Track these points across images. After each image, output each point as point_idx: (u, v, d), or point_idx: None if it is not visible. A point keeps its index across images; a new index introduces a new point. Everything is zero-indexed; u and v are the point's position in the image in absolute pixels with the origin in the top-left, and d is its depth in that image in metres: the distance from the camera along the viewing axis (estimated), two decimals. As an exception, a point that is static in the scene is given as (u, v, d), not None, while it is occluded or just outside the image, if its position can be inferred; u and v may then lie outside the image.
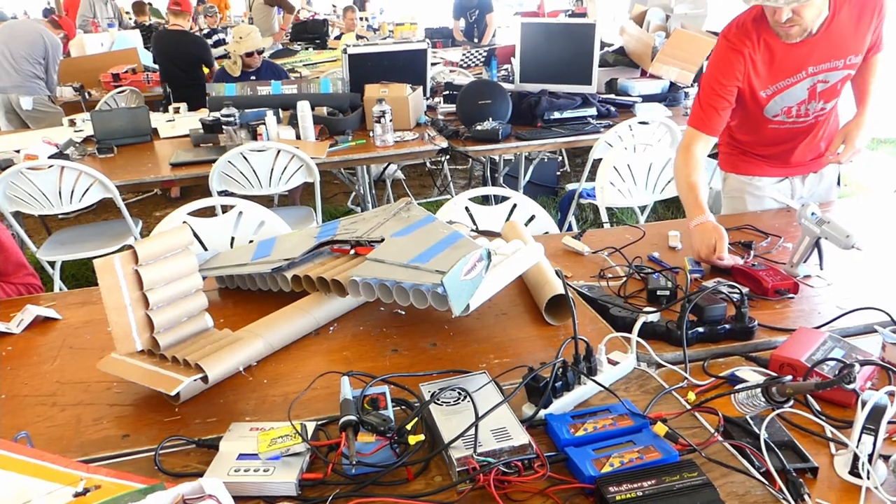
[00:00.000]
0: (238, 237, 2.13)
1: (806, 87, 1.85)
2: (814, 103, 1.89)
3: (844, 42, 1.79)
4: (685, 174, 1.83)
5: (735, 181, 2.13)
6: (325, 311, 1.40)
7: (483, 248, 1.23)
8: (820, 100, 1.88)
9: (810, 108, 1.90)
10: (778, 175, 2.08)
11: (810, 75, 1.83)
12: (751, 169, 2.09)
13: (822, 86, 1.85)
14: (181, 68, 4.90)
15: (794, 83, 1.84)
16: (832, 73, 1.83)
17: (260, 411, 1.12)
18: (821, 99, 1.88)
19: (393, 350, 1.30)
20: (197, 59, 4.94)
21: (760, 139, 2.02)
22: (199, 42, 5.10)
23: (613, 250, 1.75)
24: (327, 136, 3.32)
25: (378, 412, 0.97)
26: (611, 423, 1.00)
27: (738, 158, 2.11)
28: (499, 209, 2.17)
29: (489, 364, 1.23)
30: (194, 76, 4.91)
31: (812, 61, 1.81)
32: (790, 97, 1.87)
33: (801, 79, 1.83)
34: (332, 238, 1.52)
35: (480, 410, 0.97)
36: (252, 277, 1.53)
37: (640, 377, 1.18)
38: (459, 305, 1.16)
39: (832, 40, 1.78)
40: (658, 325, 1.31)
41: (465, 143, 3.20)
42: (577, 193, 3.40)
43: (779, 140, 2.00)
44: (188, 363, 1.12)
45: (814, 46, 1.79)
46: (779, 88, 1.85)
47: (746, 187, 2.10)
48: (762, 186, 2.09)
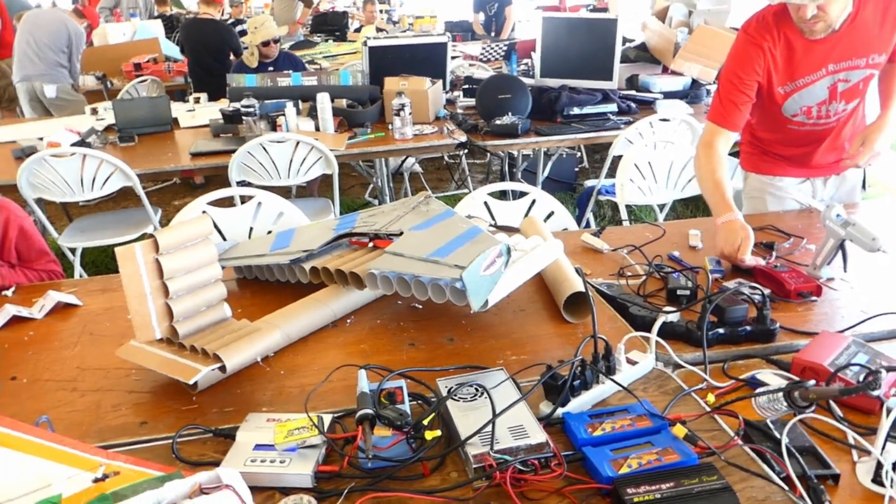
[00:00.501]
0: (256, 228, 2.14)
1: (826, 86, 1.81)
2: (835, 104, 1.85)
3: (868, 40, 1.75)
4: (709, 171, 1.79)
5: (756, 181, 2.10)
6: (342, 304, 1.40)
7: (503, 244, 1.22)
8: (841, 100, 1.84)
9: (831, 108, 1.86)
10: (800, 176, 2.05)
11: (830, 73, 1.79)
12: (772, 169, 2.06)
13: (843, 85, 1.82)
14: (212, 56, 4.92)
15: (813, 81, 1.81)
16: (853, 72, 1.79)
17: (277, 402, 1.13)
18: (842, 99, 1.84)
19: (410, 344, 1.30)
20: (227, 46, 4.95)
21: (782, 138, 1.98)
22: (229, 30, 5.12)
23: (633, 248, 1.73)
24: (346, 129, 3.32)
25: (395, 406, 0.97)
26: (629, 423, 0.99)
27: (760, 158, 2.08)
28: (517, 204, 2.16)
29: (506, 361, 1.23)
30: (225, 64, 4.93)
31: (833, 59, 1.77)
32: (809, 96, 1.83)
33: (820, 76, 1.80)
34: (350, 230, 1.52)
35: (498, 407, 0.96)
36: (270, 268, 1.54)
37: (659, 378, 1.17)
38: (478, 301, 1.15)
39: (855, 37, 1.75)
40: (678, 325, 1.30)
41: (485, 138, 3.18)
42: (596, 190, 3.37)
43: (800, 141, 1.97)
44: (206, 352, 1.13)
45: (835, 43, 1.75)
46: (798, 86, 1.82)
47: (768, 187, 2.07)
48: (783, 187, 2.05)
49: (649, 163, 2.71)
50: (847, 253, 1.54)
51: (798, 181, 2.05)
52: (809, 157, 1.99)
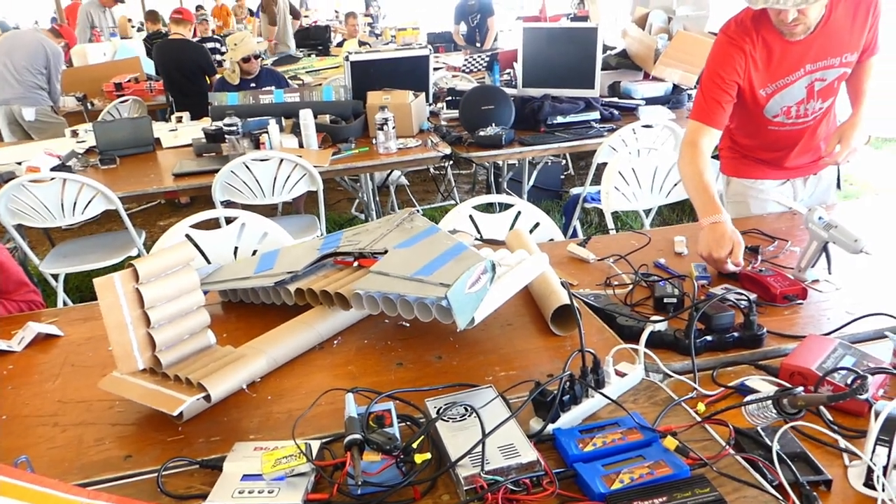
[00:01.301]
0: (241, 248, 2.12)
1: (804, 86, 1.86)
2: (812, 102, 1.89)
3: (841, 40, 1.80)
4: (694, 172, 1.77)
5: (738, 185, 2.13)
6: (328, 325, 1.39)
7: (487, 260, 1.22)
8: (818, 98, 1.89)
9: (809, 107, 1.90)
10: (779, 178, 2.09)
11: (808, 73, 1.83)
12: (753, 172, 2.09)
13: (820, 84, 1.86)
14: (185, 76, 4.92)
15: (792, 81, 1.85)
16: (829, 71, 1.84)
17: (264, 429, 1.11)
18: (819, 97, 1.89)
19: (398, 364, 1.29)
20: (198, 66, 4.95)
21: (760, 142, 2.02)
22: (200, 50, 5.12)
23: (619, 257, 1.73)
24: (330, 144, 3.31)
25: (383, 430, 0.96)
26: (620, 437, 0.99)
27: (739, 162, 2.11)
28: (503, 217, 2.16)
29: (495, 377, 1.22)
30: (197, 84, 4.93)
31: (809, 59, 1.82)
32: (789, 96, 1.88)
33: (799, 77, 1.84)
34: (335, 250, 1.51)
35: (487, 426, 0.96)
36: (255, 291, 1.52)
37: (649, 388, 1.17)
38: (464, 319, 1.15)
39: (829, 38, 1.79)
40: (666, 333, 1.30)
41: (469, 149, 3.19)
42: (582, 198, 3.38)
43: (778, 144, 2.00)
44: (191, 382, 1.11)
45: (811, 44, 1.80)
46: (778, 87, 1.86)
47: (749, 191, 2.10)
48: (765, 189, 2.09)
49: (633, 169, 2.72)
50: (831, 255, 1.55)
51: (778, 183, 2.08)
52: (787, 158, 2.03)
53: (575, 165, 5.49)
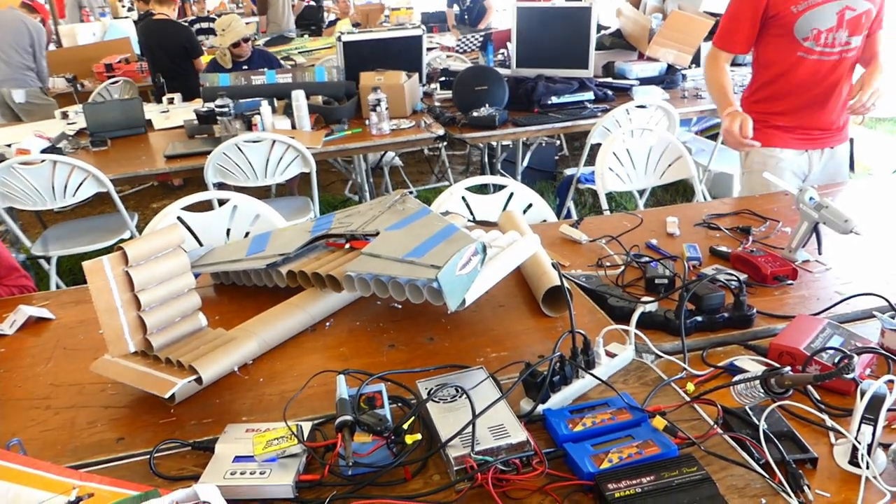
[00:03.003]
0: (233, 231, 2.12)
1: (835, 11, 1.94)
2: (841, 31, 1.97)
3: None
4: (714, 77, 2.14)
5: (757, 154, 2.17)
6: (320, 307, 1.39)
7: (478, 242, 1.21)
8: (847, 28, 1.97)
9: (838, 36, 1.98)
10: (799, 147, 2.13)
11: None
12: (773, 139, 2.15)
13: (850, 13, 1.95)
14: (169, 57, 4.84)
15: (823, 1, 1.93)
16: (860, 1, 1.94)
17: (256, 411, 1.11)
18: (847, 28, 1.97)
19: (390, 345, 1.29)
20: (182, 48, 4.86)
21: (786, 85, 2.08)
22: (184, 31, 5.01)
23: (611, 238, 1.73)
24: (323, 126, 3.29)
25: (374, 411, 0.96)
26: (609, 417, 0.99)
27: (760, 130, 2.12)
28: (496, 198, 2.16)
29: (487, 358, 1.23)
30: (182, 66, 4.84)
31: None
32: (820, 17, 1.96)
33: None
34: (326, 232, 1.51)
35: (478, 407, 0.96)
36: (247, 273, 1.52)
37: (639, 369, 1.17)
38: (455, 301, 1.15)
39: None
40: (656, 314, 1.30)
41: (462, 130, 3.17)
42: (576, 178, 3.37)
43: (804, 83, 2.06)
44: (182, 364, 1.11)
45: None
46: (810, 4, 1.94)
47: (768, 160, 2.15)
48: (783, 159, 2.13)
49: (627, 150, 2.71)
50: (822, 235, 1.55)
51: (797, 153, 2.13)
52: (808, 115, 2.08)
53: (569, 146, 5.47)
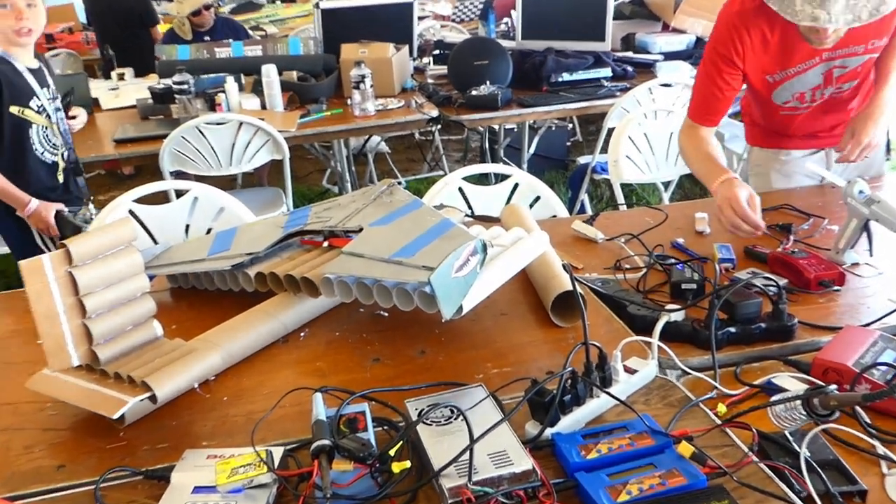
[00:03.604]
0: (194, 226, 2.12)
1: (820, 73, 1.84)
2: (830, 88, 1.88)
3: (867, 27, 1.75)
4: (694, 148, 1.89)
5: (761, 155, 2.13)
6: (294, 315, 1.39)
7: (477, 240, 1.22)
8: (837, 84, 1.88)
9: (826, 92, 1.89)
10: (810, 147, 2.07)
11: (825, 60, 1.81)
12: (778, 141, 2.08)
13: (840, 71, 1.84)
14: (120, 26, 4.82)
15: (806, 69, 1.82)
16: (851, 59, 1.82)
17: (219, 434, 1.11)
18: (838, 83, 1.88)
19: (374, 359, 1.29)
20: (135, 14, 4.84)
21: (776, 123, 2.02)
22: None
23: (631, 237, 1.74)
24: (298, 106, 3.30)
25: (356, 435, 0.97)
26: (628, 442, 1.00)
27: (761, 131, 2.11)
28: (498, 189, 2.17)
29: (487, 374, 1.23)
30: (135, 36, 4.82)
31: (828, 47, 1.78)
32: (801, 83, 1.86)
33: (813, 65, 1.82)
34: (301, 228, 1.51)
35: (476, 431, 0.96)
36: (209, 276, 1.52)
37: (663, 387, 1.18)
38: (450, 307, 1.15)
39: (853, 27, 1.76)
40: (683, 324, 1.31)
41: (459, 111, 3.18)
42: (591, 168, 3.39)
43: (797, 125, 2.00)
44: (133, 380, 1.11)
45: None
46: (788, 75, 1.84)
47: (772, 162, 2.10)
48: (791, 161, 2.08)
49: (645, 134, 2.73)
50: (872, 234, 1.56)
51: (808, 152, 2.08)
52: (816, 133, 2.02)
53: (583, 130, 5.49)
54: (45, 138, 2.45)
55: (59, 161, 2.52)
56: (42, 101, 2.43)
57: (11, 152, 2.41)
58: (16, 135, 2.39)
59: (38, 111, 2.42)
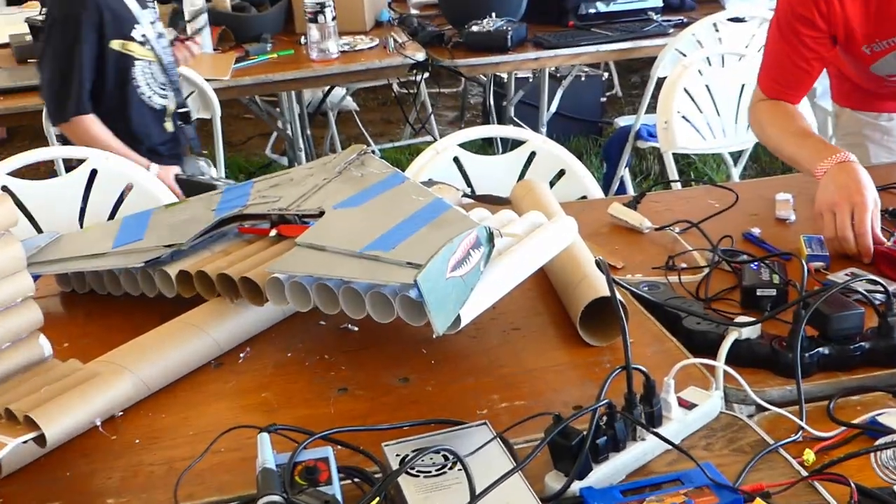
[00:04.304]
0: (91, 209, 2.13)
1: None
2: None
3: None
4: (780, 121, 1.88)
5: (852, 120, 2.16)
6: (230, 329, 1.40)
7: (480, 227, 1.23)
8: None
9: None
10: None
11: None
12: (874, 103, 2.12)
13: None
14: None
15: None
16: None
17: (129, 489, 1.12)
18: None
19: (340, 389, 1.31)
20: None
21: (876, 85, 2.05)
22: None
23: (689, 225, 1.75)
24: (232, 45, 3.30)
25: (317, 489, 0.98)
26: (683, 500, 1.01)
27: (853, 88, 2.14)
28: (507, 160, 2.18)
29: (493, 410, 1.24)
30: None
31: None
32: None
33: None
34: (240, 211, 1.52)
35: (479, 484, 0.98)
36: (114, 276, 1.53)
37: (730, 427, 1.19)
38: (444, 319, 1.16)
39: None
40: (758, 344, 1.32)
41: (455, 55, 3.19)
42: (633, 133, 3.40)
43: None
44: (13, 415, 1.12)
45: None
46: (891, 45, 1.87)
47: (869, 129, 2.13)
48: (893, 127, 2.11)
49: (708, 87, 2.74)
50: None
51: None
52: None
53: (623, 83, 5.51)
54: (151, 77, 2.52)
55: (168, 105, 2.60)
56: (145, 29, 2.48)
57: (116, 99, 2.47)
58: (120, 76, 2.46)
59: (142, 42, 2.47)
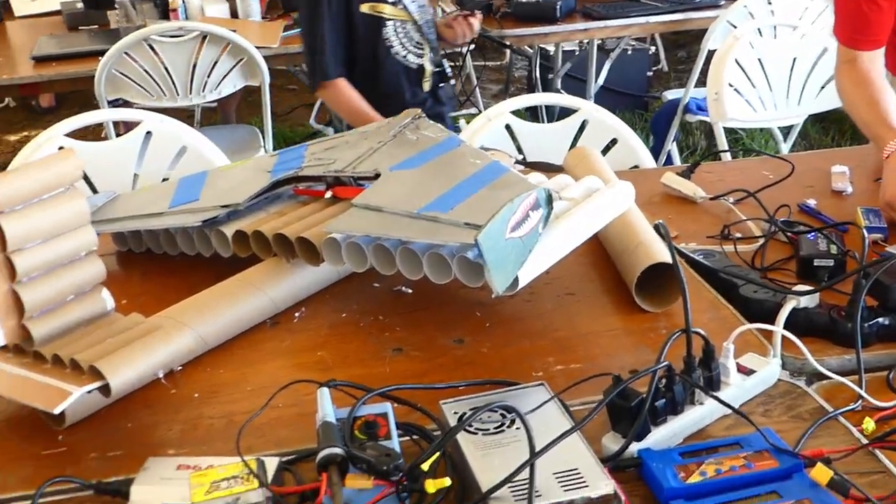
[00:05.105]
0: (145, 172, 2.15)
1: None
2: None
3: None
4: (860, 92, 1.85)
5: None
6: (286, 289, 1.41)
7: (539, 189, 1.23)
8: None
9: None
10: None
11: None
12: None
13: None
14: None
15: None
16: None
17: (189, 441, 1.14)
18: None
19: (395, 349, 1.32)
20: None
21: None
22: None
23: (745, 195, 1.74)
24: (280, 14, 3.31)
25: (378, 443, 0.99)
26: (743, 464, 1.01)
27: None
28: (558, 129, 2.17)
29: (548, 372, 1.25)
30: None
31: None
32: None
33: None
34: (296, 172, 1.53)
35: (539, 443, 0.98)
36: (170, 235, 1.55)
37: (789, 394, 1.19)
38: (503, 278, 1.16)
39: None
40: (816, 313, 1.32)
41: (503, 25, 3.18)
42: (682, 106, 3.37)
43: None
44: (78, 365, 1.13)
45: None
46: None
47: None
48: None
49: (760, 60, 2.71)
50: None
51: None
52: None
53: (670, 57, 5.46)
54: (405, 36, 2.56)
55: (425, 64, 2.62)
56: None
57: (369, 61, 2.52)
58: (371, 38, 2.50)
59: (394, 2, 2.51)
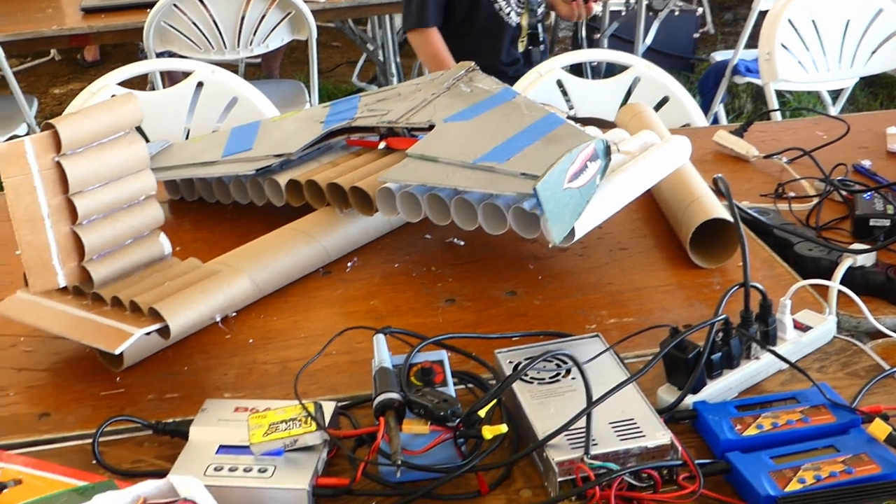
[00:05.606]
0: (196, 122, 2.16)
1: None
2: None
3: None
4: None
5: None
6: (339, 238, 1.42)
7: (597, 140, 1.22)
8: None
9: None
10: None
11: None
12: None
13: None
14: None
15: None
16: None
17: (245, 385, 1.16)
18: None
19: (448, 300, 1.32)
20: None
21: None
22: None
23: (801, 153, 1.73)
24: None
25: (435, 389, 0.99)
26: (799, 418, 1.01)
27: None
28: (610, 86, 2.15)
29: (602, 325, 1.25)
30: None
31: None
32: None
33: None
34: (349, 123, 1.53)
35: (595, 393, 0.98)
36: (223, 184, 1.55)
37: (845, 351, 1.18)
38: (560, 229, 1.16)
39: None
40: (872, 272, 1.31)
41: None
42: (730, 67, 3.34)
43: None
44: (138, 307, 1.14)
45: None
46: None
47: None
48: None
49: (814, 22, 2.67)
50: None
51: None
52: None
53: (717, 19, 5.40)
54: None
55: (522, 24, 2.57)
56: None
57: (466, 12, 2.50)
58: None
59: None
